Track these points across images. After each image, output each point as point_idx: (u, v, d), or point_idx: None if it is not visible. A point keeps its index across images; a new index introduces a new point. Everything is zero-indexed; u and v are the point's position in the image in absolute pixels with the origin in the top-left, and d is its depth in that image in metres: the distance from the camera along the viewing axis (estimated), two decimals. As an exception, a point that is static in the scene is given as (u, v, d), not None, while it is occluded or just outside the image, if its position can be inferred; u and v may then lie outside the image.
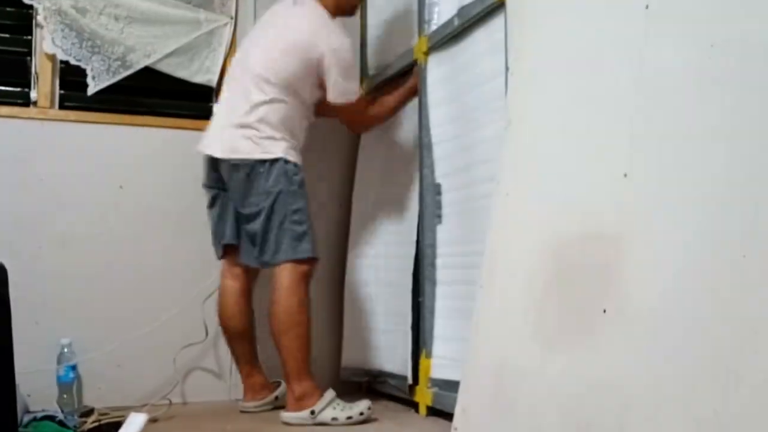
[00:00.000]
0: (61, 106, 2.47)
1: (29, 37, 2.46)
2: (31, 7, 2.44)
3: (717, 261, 1.01)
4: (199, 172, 2.34)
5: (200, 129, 2.35)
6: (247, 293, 2.37)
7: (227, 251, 2.33)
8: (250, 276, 2.37)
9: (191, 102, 2.64)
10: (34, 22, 2.45)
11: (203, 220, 2.39)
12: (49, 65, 2.46)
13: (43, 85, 2.45)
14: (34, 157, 2.41)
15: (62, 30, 2.43)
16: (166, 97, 2.61)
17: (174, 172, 2.54)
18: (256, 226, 2.16)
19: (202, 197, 2.37)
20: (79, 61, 2.45)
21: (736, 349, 0.95)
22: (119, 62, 2.49)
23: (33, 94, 2.45)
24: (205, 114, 2.52)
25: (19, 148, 2.40)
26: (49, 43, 2.42)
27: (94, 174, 2.46)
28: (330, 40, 2.20)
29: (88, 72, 2.46)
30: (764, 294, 0.93)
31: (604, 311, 1.18)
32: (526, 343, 1.36)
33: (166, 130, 2.57)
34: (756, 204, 0.97)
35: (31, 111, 2.43)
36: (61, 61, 2.45)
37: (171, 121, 2.59)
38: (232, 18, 2.65)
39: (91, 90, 2.46)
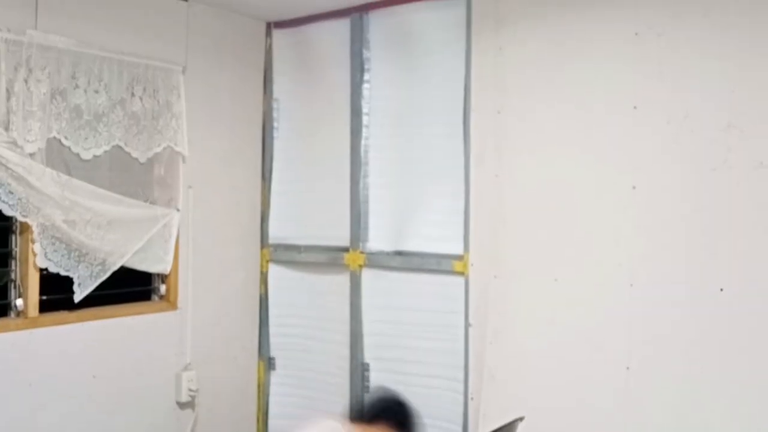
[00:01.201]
0: (41, 311, 2.61)
1: (6, 249, 2.54)
2: (9, 219, 2.52)
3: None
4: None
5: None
6: None
7: None
8: None
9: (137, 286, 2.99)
10: (12, 235, 2.54)
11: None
12: (36, 276, 2.58)
13: (32, 295, 2.57)
14: (24, 364, 2.53)
15: (53, 244, 2.58)
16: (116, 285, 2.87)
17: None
18: None
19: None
20: (67, 271, 2.63)
21: None
22: (100, 267, 2.73)
23: (18, 303, 2.54)
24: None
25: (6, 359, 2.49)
26: (41, 258, 2.55)
27: (73, 371, 2.68)
28: None
29: (75, 280, 2.66)
30: None
31: None
32: None
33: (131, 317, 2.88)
34: None
35: (18, 322, 2.53)
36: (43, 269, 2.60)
37: (131, 308, 2.92)
38: (178, 210, 3.06)
39: (78, 297, 2.66)
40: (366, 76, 3.09)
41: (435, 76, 2.89)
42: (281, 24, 3.36)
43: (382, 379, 3.04)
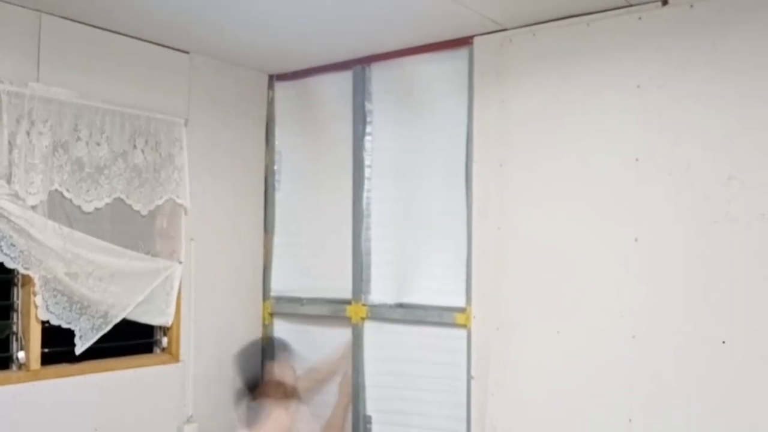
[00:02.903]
0: (43, 364, 2.59)
1: (8, 302, 2.53)
2: (11, 271, 2.51)
3: None
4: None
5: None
6: None
7: None
8: None
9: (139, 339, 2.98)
10: (14, 287, 2.53)
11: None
12: (38, 328, 2.56)
13: (34, 348, 2.54)
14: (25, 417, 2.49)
15: (55, 296, 2.57)
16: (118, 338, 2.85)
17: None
18: None
19: None
20: (69, 323, 2.61)
21: None
22: (102, 319, 2.71)
23: (20, 356, 2.52)
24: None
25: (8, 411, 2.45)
26: (43, 311, 2.54)
27: (75, 424, 2.64)
28: None
29: (76, 332, 2.64)
30: None
31: None
32: None
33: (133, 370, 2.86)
34: None
35: (20, 375, 2.51)
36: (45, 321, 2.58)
37: (133, 360, 2.90)
38: (180, 263, 3.05)
39: (79, 349, 2.65)
40: (368, 129, 3.12)
41: (437, 128, 2.91)
42: (283, 76, 3.41)
43: (384, 431, 2.99)
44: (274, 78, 3.44)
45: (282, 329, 3.35)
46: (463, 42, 2.81)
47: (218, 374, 3.18)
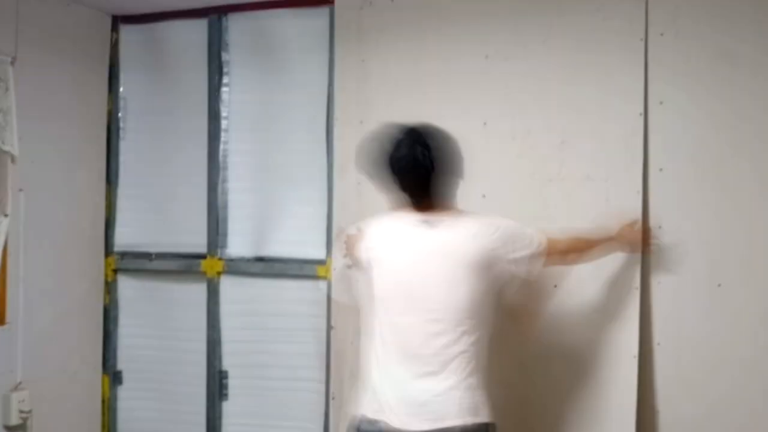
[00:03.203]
0: None
1: None
2: None
3: None
4: None
5: None
6: None
7: None
8: None
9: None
10: None
11: None
12: None
13: None
14: None
15: None
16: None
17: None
18: None
19: None
20: None
21: None
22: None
23: None
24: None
25: None
26: None
27: None
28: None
29: None
30: None
31: None
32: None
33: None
34: None
35: None
36: None
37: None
38: (6, 216, 2.76)
39: None
40: (225, 80, 3.05)
41: (298, 83, 2.92)
42: (129, 19, 3.20)
43: (241, 385, 3.02)
44: (119, 20, 3.22)
45: (128, 286, 3.21)
46: (325, 0, 2.86)
47: (53, 336, 3.00)
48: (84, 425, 3.18)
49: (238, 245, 3.04)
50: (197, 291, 3.07)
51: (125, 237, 3.22)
